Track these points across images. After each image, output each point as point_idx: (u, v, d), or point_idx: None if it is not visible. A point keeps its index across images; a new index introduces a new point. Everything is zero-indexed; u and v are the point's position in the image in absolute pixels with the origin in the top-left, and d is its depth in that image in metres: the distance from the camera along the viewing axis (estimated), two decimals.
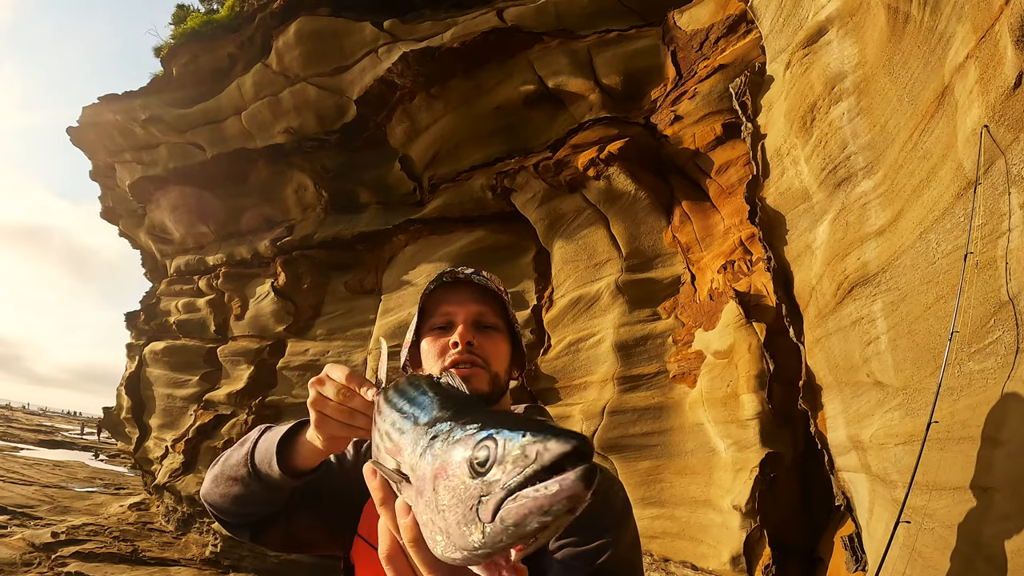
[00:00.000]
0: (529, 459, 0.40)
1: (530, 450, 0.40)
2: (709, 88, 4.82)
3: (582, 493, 0.38)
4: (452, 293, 1.11)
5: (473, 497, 0.41)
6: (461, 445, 0.44)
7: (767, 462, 3.82)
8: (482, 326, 1.10)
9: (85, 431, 33.96)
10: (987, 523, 1.73)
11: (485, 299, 1.12)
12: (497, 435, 0.42)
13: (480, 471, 0.42)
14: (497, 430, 0.43)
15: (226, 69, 8.71)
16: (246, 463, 0.99)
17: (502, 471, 0.40)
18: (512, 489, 0.40)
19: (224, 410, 8.75)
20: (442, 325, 1.10)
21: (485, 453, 0.42)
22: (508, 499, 0.40)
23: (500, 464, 0.41)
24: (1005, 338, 1.79)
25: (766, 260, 3.85)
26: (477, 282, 1.12)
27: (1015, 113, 1.81)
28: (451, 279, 1.12)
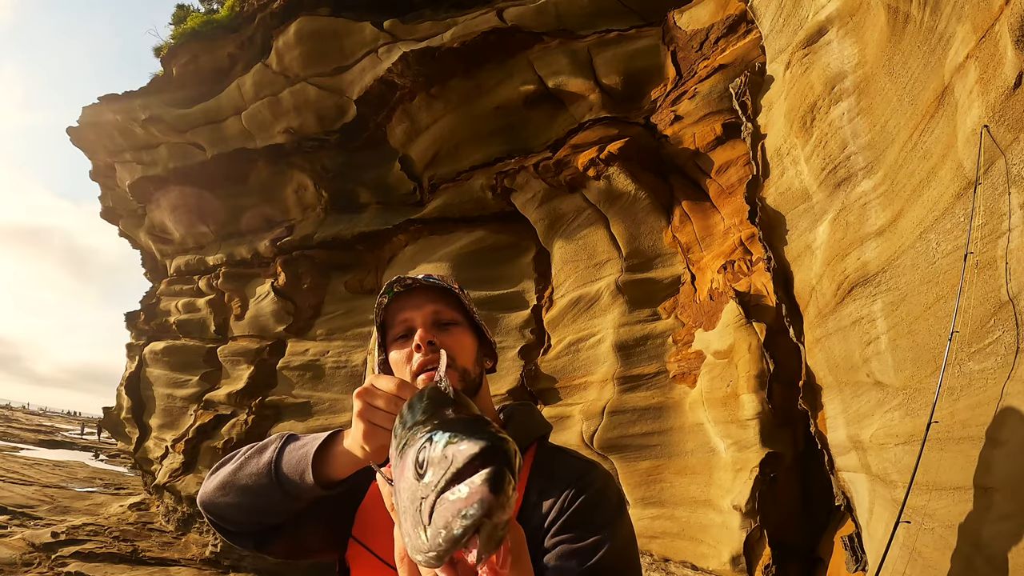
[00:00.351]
0: (447, 461, 0.39)
1: (448, 451, 0.40)
2: (709, 88, 4.82)
3: (489, 497, 0.36)
4: (406, 300, 1.12)
5: (417, 499, 0.41)
6: (411, 448, 0.44)
7: (767, 462, 3.82)
8: (441, 323, 1.10)
9: (85, 431, 33.96)
10: (987, 523, 1.73)
11: (440, 297, 1.12)
12: (433, 436, 0.42)
13: (420, 473, 0.41)
14: (436, 432, 0.42)
15: (226, 69, 8.71)
16: (269, 472, 0.97)
17: (433, 473, 0.40)
18: (440, 491, 0.39)
19: (224, 410, 8.75)
20: (403, 334, 1.10)
21: (424, 455, 0.42)
22: (437, 501, 0.39)
23: (432, 466, 0.40)
24: (1005, 338, 1.79)
25: (766, 260, 3.85)
26: (427, 284, 1.12)
27: (1015, 113, 1.81)
28: (401, 288, 1.12)
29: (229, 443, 8.33)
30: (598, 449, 4.84)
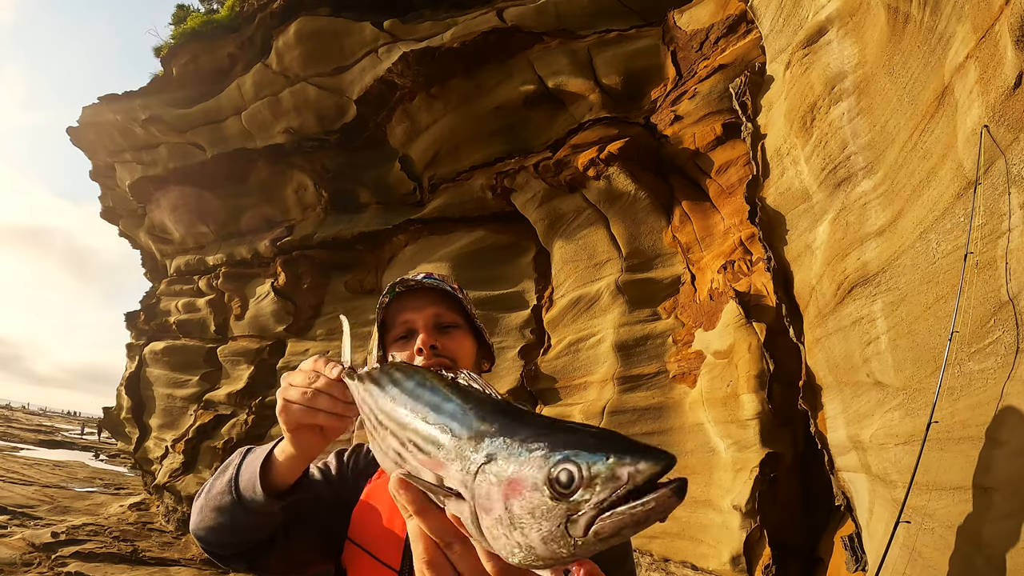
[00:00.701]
0: (621, 481, 0.41)
1: (620, 472, 0.41)
2: (709, 88, 4.82)
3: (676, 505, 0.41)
4: (407, 301, 1.12)
5: (559, 516, 0.42)
6: (531, 467, 0.44)
7: (767, 462, 3.82)
8: (442, 326, 1.12)
9: (85, 431, 33.96)
10: (987, 523, 1.73)
11: (441, 300, 1.13)
12: (575, 458, 0.43)
13: (563, 493, 0.42)
14: (573, 452, 0.43)
15: (226, 69, 8.72)
16: (230, 490, 0.95)
17: (591, 492, 0.42)
18: (605, 508, 0.41)
19: (224, 410, 8.75)
20: (403, 335, 1.12)
21: (567, 476, 0.43)
22: (602, 516, 0.41)
23: (588, 487, 0.42)
24: (1005, 338, 1.79)
25: (766, 260, 3.85)
26: (429, 286, 1.12)
27: (1015, 113, 1.81)
28: (403, 288, 1.12)
29: (229, 443, 8.33)
30: None
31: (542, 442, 0.45)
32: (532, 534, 0.43)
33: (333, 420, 0.85)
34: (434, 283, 1.14)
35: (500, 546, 0.46)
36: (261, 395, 8.28)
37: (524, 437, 0.47)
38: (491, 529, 0.46)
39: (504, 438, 0.48)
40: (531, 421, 0.49)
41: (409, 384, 0.60)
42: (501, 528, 0.45)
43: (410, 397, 0.58)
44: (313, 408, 0.83)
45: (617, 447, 0.43)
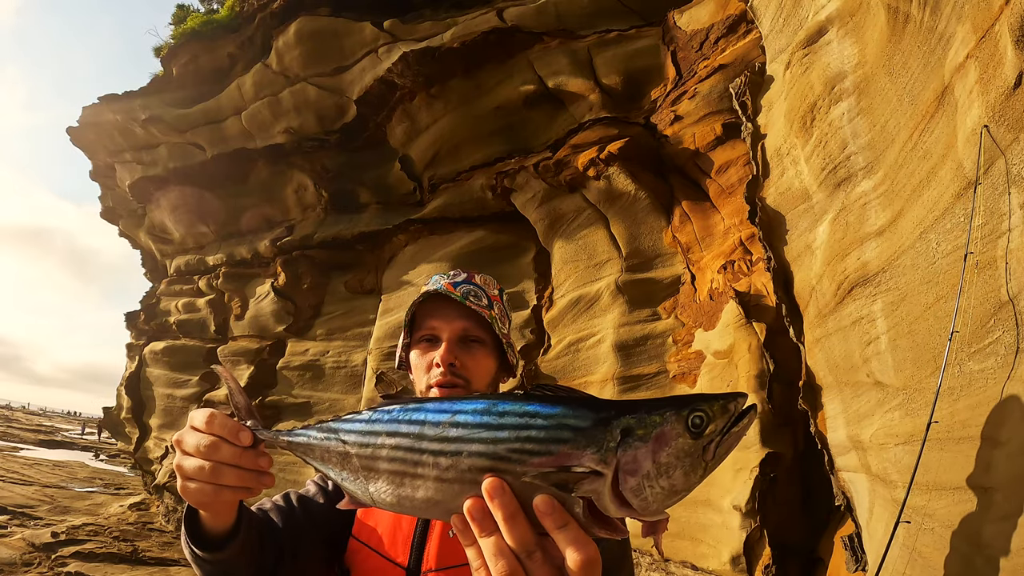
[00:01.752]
0: (730, 412, 0.59)
1: (729, 407, 0.59)
2: (709, 88, 4.82)
3: (753, 419, 0.61)
4: (440, 307, 1.14)
5: (698, 449, 0.57)
6: (669, 424, 0.58)
7: (767, 462, 3.81)
8: (467, 340, 1.14)
9: (85, 431, 33.96)
10: (987, 523, 1.73)
11: (472, 313, 1.14)
12: (699, 407, 0.58)
13: (698, 432, 0.57)
14: (693, 404, 0.59)
15: (226, 69, 8.71)
16: (188, 546, 0.89)
17: (715, 425, 0.58)
18: (724, 431, 0.58)
19: (224, 410, 8.74)
20: (428, 338, 1.14)
21: (700, 419, 0.58)
22: (723, 438, 0.58)
23: (713, 421, 0.58)
24: (1005, 338, 1.79)
25: (766, 260, 3.85)
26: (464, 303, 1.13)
27: (1015, 113, 1.81)
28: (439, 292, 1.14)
29: None
30: None
31: (662, 408, 0.59)
32: (676, 473, 0.57)
33: (243, 494, 0.77)
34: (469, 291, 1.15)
35: (643, 497, 0.57)
36: (261, 395, 8.27)
37: (644, 410, 0.59)
38: (636, 487, 0.57)
39: (626, 416, 0.59)
40: (633, 403, 0.61)
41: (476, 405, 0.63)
42: (648, 482, 0.56)
43: (488, 415, 0.61)
44: (218, 485, 0.74)
45: (713, 396, 0.60)
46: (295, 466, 7.56)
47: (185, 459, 0.74)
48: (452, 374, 1.10)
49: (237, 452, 0.75)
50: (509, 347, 1.20)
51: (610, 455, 0.57)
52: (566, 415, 0.59)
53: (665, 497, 0.57)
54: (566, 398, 0.62)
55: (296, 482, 7.37)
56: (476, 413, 0.61)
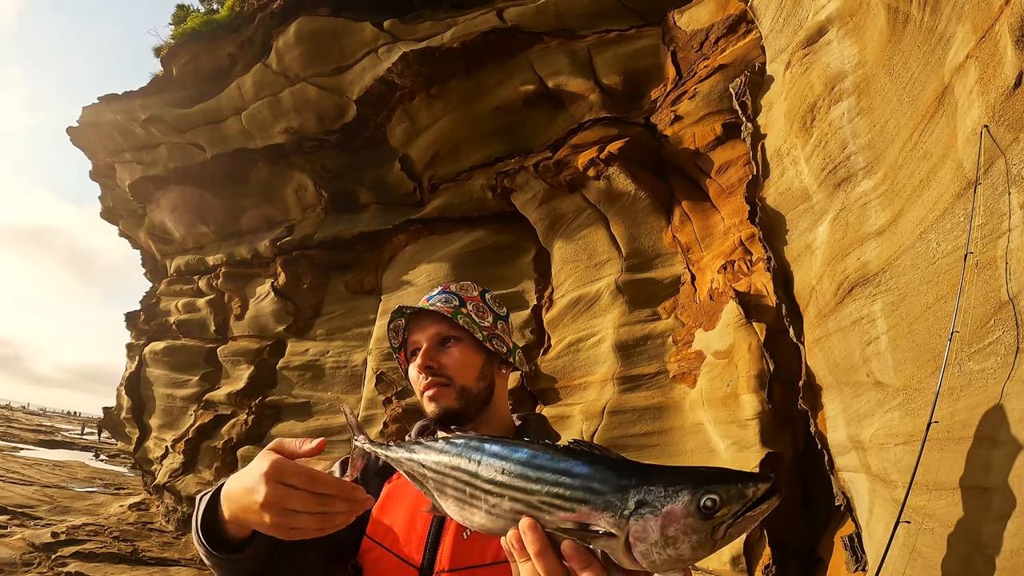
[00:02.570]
0: (747, 497, 0.62)
1: (747, 491, 0.62)
2: (709, 88, 4.82)
3: (776, 502, 0.62)
4: (418, 321, 1.23)
5: (706, 530, 0.62)
6: (679, 503, 0.63)
7: (767, 462, 3.81)
8: (443, 342, 1.20)
9: (85, 431, 33.96)
10: (987, 523, 1.73)
11: (442, 317, 1.21)
12: (714, 491, 0.62)
13: (708, 513, 0.62)
14: (709, 487, 0.63)
15: (226, 69, 8.71)
16: (202, 545, 0.91)
17: (728, 509, 0.62)
18: (737, 515, 0.62)
19: (224, 410, 8.75)
20: (414, 351, 1.22)
21: (711, 503, 0.62)
22: (735, 522, 0.62)
23: (726, 505, 0.62)
24: (1005, 338, 1.79)
25: (766, 260, 3.85)
26: (432, 309, 1.21)
27: (1015, 113, 1.81)
28: (412, 310, 1.22)
29: (229, 443, 8.34)
30: None
31: (679, 485, 0.64)
32: (683, 546, 0.62)
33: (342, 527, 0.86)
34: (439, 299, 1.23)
35: (651, 561, 0.63)
36: (261, 395, 8.27)
37: (663, 484, 0.65)
38: (644, 552, 0.63)
39: (646, 487, 0.65)
40: (657, 471, 0.67)
41: (520, 455, 0.73)
42: (655, 549, 0.63)
43: (528, 467, 0.71)
44: (329, 523, 0.83)
45: (735, 477, 0.63)
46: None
47: (291, 497, 0.81)
48: (432, 375, 1.16)
49: (348, 488, 0.85)
50: (493, 337, 1.24)
51: (623, 521, 0.64)
52: (592, 477, 0.67)
53: (672, 563, 0.63)
54: (599, 458, 0.70)
55: None
56: (519, 465, 0.72)
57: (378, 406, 6.91)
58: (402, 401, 6.63)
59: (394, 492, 1.14)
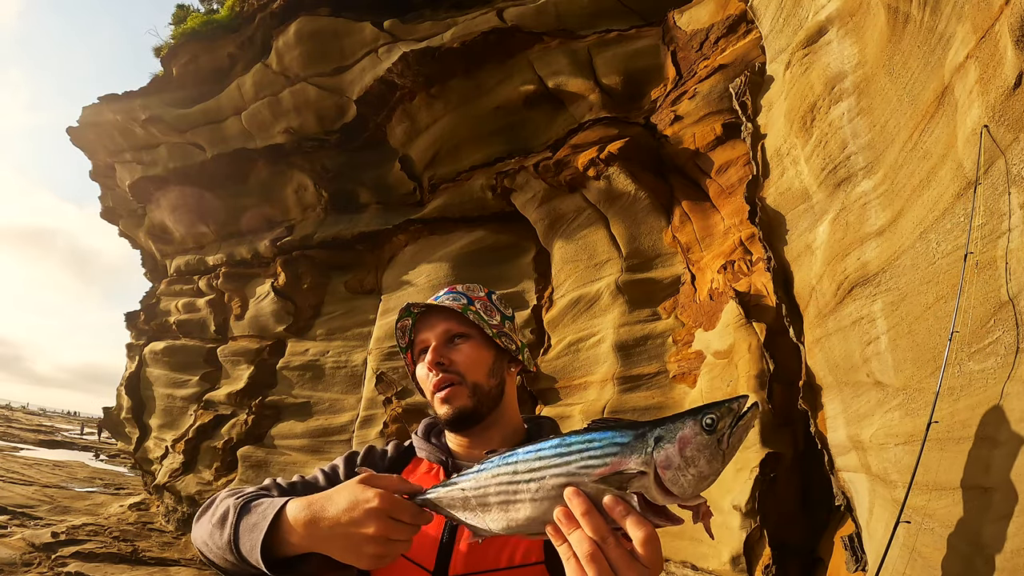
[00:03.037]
0: (735, 410, 0.76)
1: (734, 406, 0.76)
2: (709, 88, 4.82)
3: (758, 414, 0.79)
4: (426, 319, 1.21)
5: (713, 442, 0.74)
6: (688, 427, 0.75)
7: (767, 462, 3.81)
8: (451, 339, 1.18)
9: (85, 431, 33.96)
10: (987, 523, 1.73)
11: (452, 313, 1.19)
12: (710, 411, 0.76)
13: (711, 428, 0.74)
14: (708, 409, 0.76)
15: (226, 69, 8.71)
16: (232, 551, 0.94)
17: (724, 423, 0.75)
18: (732, 426, 0.75)
19: (224, 410, 8.75)
20: (423, 350, 1.21)
21: (711, 420, 0.75)
22: (733, 430, 0.75)
23: (722, 419, 0.75)
24: (1005, 338, 1.79)
25: (766, 260, 3.85)
26: (442, 305, 1.19)
27: (1015, 113, 1.81)
28: (420, 309, 1.21)
29: (229, 443, 8.33)
30: None
31: (683, 417, 0.77)
32: (701, 461, 0.74)
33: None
34: (447, 298, 1.21)
35: (679, 485, 0.74)
36: (261, 395, 8.28)
37: (671, 421, 0.77)
38: (672, 478, 0.74)
39: (658, 428, 0.77)
40: (665, 418, 0.78)
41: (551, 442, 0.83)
42: (679, 472, 0.73)
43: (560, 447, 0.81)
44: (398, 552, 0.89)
45: (724, 401, 0.77)
46: (295, 466, 7.56)
47: (395, 546, 0.87)
48: (443, 372, 1.14)
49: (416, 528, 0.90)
50: (503, 336, 1.22)
51: (648, 457, 0.75)
52: (615, 436, 0.78)
53: (697, 482, 0.74)
54: (615, 423, 0.81)
55: None
56: (552, 447, 0.81)
57: (378, 406, 6.91)
58: (402, 401, 6.63)
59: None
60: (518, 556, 1.04)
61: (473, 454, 1.18)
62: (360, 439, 6.96)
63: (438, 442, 1.24)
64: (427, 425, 1.29)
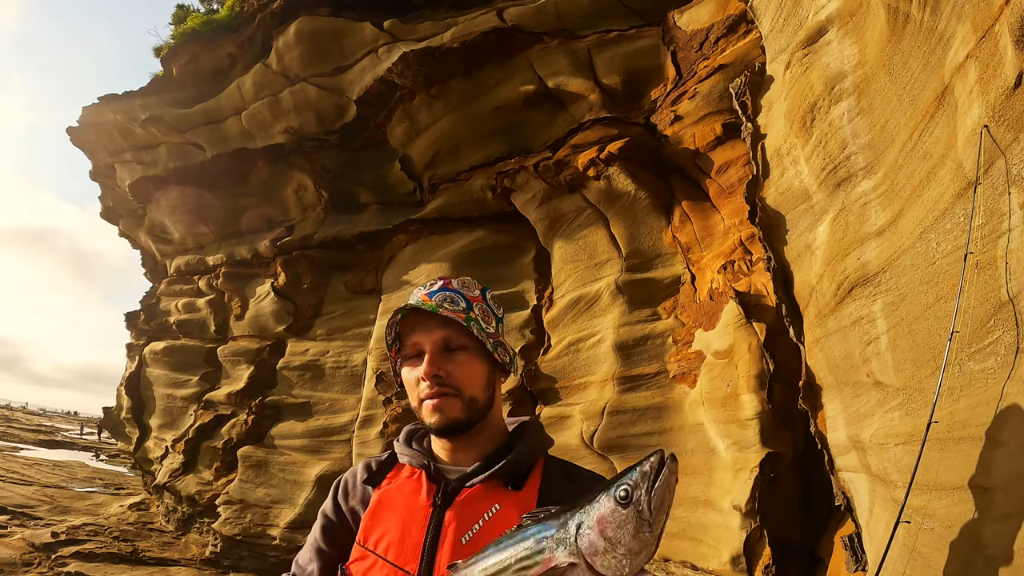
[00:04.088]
0: (648, 471, 0.74)
1: (645, 468, 0.74)
2: (709, 88, 4.82)
3: (676, 464, 0.75)
4: (420, 321, 1.15)
5: (633, 515, 0.72)
6: (602, 507, 0.74)
7: (767, 462, 3.81)
8: (449, 349, 1.13)
9: (85, 431, 33.96)
10: (987, 523, 1.73)
11: (449, 321, 1.13)
12: (621, 483, 0.74)
13: (625, 501, 0.72)
14: (616, 483, 0.75)
15: (226, 69, 8.71)
16: None
17: (640, 490, 0.72)
18: (650, 491, 0.72)
19: (224, 410, 8.75)
20: (413, 355, 1.15)
21: (624, 492, 0.73)
22: (651, 496, 0.72)
23: (636, 488, 0.72)
24: (1005, 338, 1.79)
25: (766, 260, 3.85)
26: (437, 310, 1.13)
27: (1015, 113, 1.81)
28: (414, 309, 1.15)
29: (229, 443, 8.34)
30: (598, 449, 4.84)
31: (596, 495, 0.76)
32: (626, 538, 0.71)
33: None
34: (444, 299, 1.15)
35: (613, 568, 0.72)
36: (261, 395, 8.28)
37: (587, 502, 0.76)
38: (604, 563, 0.72)
39: (576, 512, 0.76)
40: (584, 497, 0.77)
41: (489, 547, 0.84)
42: (608, 556, 0.72)
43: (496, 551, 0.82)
44: None
45: (630, 469, 0.75)
46: (295, 466, 7.56)
47: None
48: (439, 384, 1.10)
49: None
50: (498, 346, 1.19)
51: (575, 547, 0.75)
52: (540, 530, 0.79)
53: (631, 559, 0.72)
54: (545, 514, 0.81)
55: (296, 482, 7.38)
56: (493, 553, 0.82)
57: (378, 406, 6.91)
58: (402, 401, 6.63)
59: (385, 499, 1.13)
60: None
61: (458, 458, 1.17)
62: (360, 439, 6.97)
63: (420, 447, 1.22)
64: (409, 432, 1.27)
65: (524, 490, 1.09)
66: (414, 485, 1.13)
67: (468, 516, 1.06)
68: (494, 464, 1.11)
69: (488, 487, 1.09)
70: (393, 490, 1.13)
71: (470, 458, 1.15)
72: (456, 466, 1.16)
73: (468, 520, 1.05)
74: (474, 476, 1.11)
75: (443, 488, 1.10)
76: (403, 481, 1.16)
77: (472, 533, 1.03)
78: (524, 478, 1.11)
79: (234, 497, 7.77)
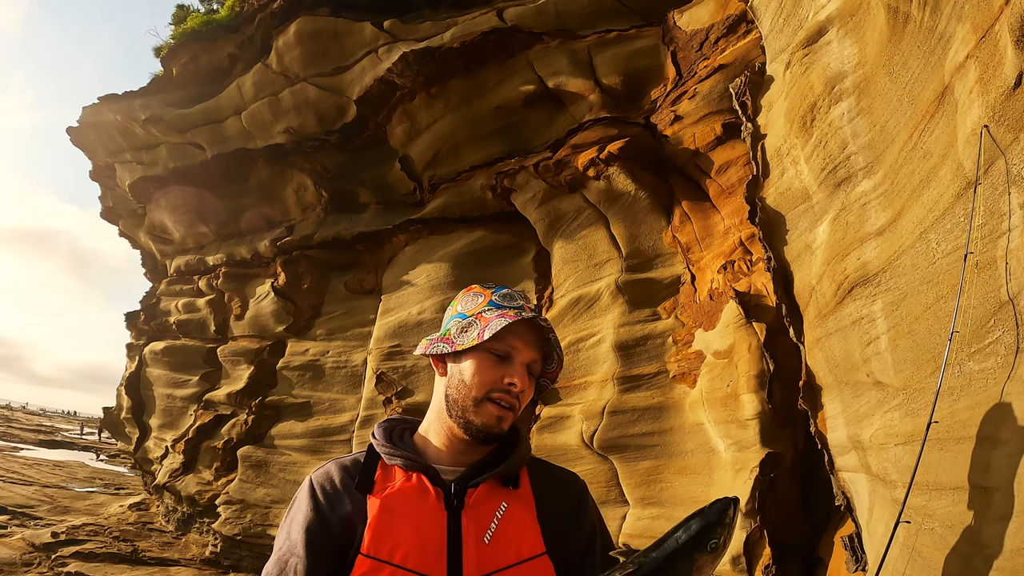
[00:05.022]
0: (727, 524, 0.90)
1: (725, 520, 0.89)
2: (709, 88, 4.82)
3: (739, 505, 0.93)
4: (526, 329, 1.19)
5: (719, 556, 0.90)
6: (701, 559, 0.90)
7: (767, 462, 3.82)
8: (529, 373, 1.19)
9: (85, 431, 33.96)
10: (987, 523, 1.73)
11: (541, 349, 1.22)
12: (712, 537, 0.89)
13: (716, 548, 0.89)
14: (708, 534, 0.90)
15: (226, 69, 8.71)
16: None
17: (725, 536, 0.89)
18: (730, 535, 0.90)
19: (224, 410, 8.75)
20: (502, 354, 1.15)
21: (715, 544, 0.89)
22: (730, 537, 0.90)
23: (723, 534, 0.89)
24: (1005, 338, 1.79)
25: (766, 260, 3.85)
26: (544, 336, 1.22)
27: (1015, 113, 1.81)
28: (529, 315, 1.18)
29: (229, 443, 8.34)
30: (598, 449, 4.84)
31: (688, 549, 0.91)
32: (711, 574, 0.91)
33: None
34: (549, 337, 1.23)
35: None
36: (261, 395, 8.28)
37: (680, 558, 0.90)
38: None
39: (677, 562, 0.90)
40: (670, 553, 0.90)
41: None
42: None
43: None
44: None
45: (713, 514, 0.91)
46: (295, 466, 7.56)
47: None
48: (515, 398, 1.15)
49: None
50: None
51: None
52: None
53: None
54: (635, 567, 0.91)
55: (296, 482, 7.37)
56: None
57: (378, 406, 6.91)
58: (402, 401, 6.63)
59: (391, 505, 1.07)
60: (525, 550, 1.06)
61: (462, 459, 1.17)
62: (360, 439, 6.97)
63: (405, 446, 1.19)
64: (386, 429, 1.22)
65: (520, 488, 1.15)
66: (417, 489, 1.09)
67: (482, 516, 1.07)
68: (494, 464, 1.14)
69: (490, 487, 1.11)
70: (395, 495, 1.08)
71: (470, 458, 1.17)
72: (453, 466, 1.16)
73: (484, 520, 1.07)
74: (475, 476, 1.12)
75: (450, 490, 1.10)
76: (402, 485, 1.11)
77: (491, 533, 1.05)
78: (518, 477, 1.17)
79: (234, 497, 7.78)
